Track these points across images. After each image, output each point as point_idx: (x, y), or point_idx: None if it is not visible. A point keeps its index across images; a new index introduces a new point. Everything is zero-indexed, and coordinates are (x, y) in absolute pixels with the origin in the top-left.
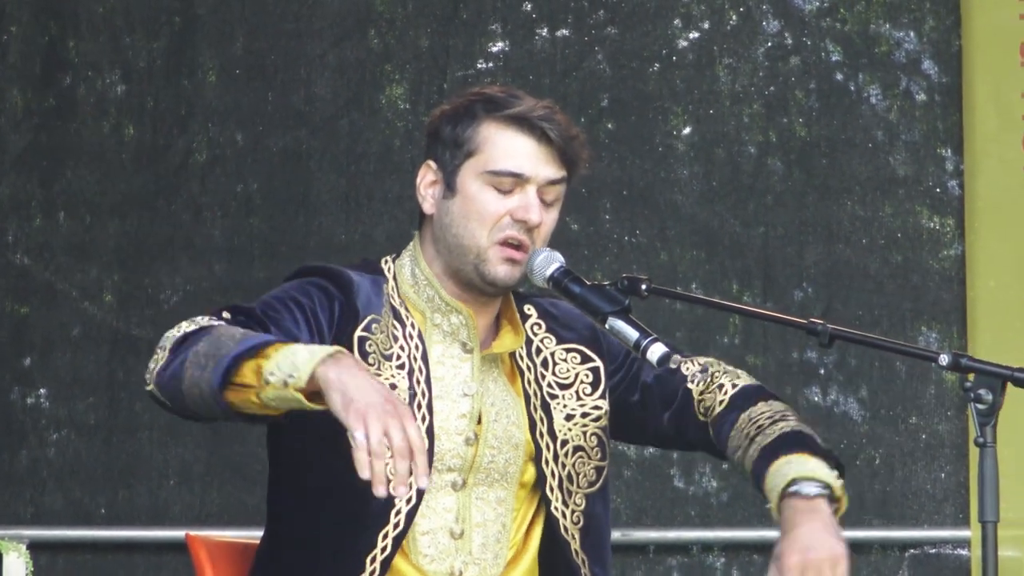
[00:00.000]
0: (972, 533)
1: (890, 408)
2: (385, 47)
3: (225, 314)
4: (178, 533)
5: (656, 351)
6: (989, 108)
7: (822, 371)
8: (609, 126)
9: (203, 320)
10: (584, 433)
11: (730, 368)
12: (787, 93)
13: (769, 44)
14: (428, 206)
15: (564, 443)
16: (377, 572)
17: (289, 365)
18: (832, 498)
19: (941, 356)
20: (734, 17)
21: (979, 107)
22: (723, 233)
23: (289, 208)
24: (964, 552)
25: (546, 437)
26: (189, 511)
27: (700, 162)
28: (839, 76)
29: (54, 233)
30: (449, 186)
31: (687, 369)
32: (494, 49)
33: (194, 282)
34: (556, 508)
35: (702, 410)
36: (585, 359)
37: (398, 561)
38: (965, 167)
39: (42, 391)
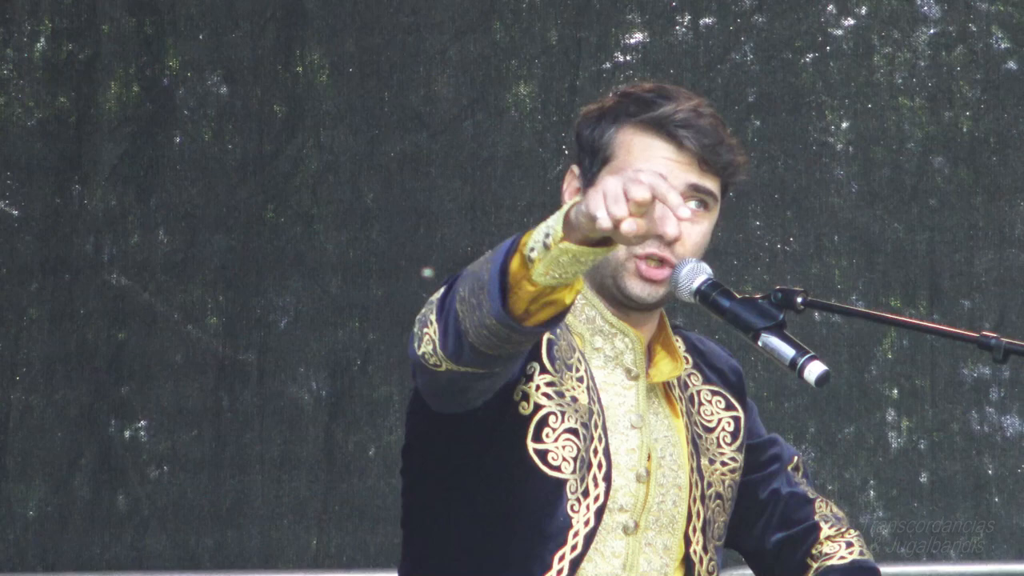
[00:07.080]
0: None
1: None
2: (511, 41)
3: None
4: None
5: (814, 370)
6: None
7: (994, 389)
8: (757, 123)
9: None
10: (723, 481)
11: (858, 532)
12: (952, 84)
13: (932, 31)
14: None
15: (709, 485)
16: None
17: (543, 228)
18: None
19: None
20: (893, 2)
21: None
22: (884, 239)
23: (409, 219)
24: None
25: (695, 474)
26: (305, 553)
27: (858, 161)
28: (1009, 65)
29: (153, 250)
30: None
31: (819, 507)
32: (631, 41)
33: (306, 302)
34: (695, 551)
35: (815, 552)
36: (729, 406)
37: None
38: None
39: (142, 423)
